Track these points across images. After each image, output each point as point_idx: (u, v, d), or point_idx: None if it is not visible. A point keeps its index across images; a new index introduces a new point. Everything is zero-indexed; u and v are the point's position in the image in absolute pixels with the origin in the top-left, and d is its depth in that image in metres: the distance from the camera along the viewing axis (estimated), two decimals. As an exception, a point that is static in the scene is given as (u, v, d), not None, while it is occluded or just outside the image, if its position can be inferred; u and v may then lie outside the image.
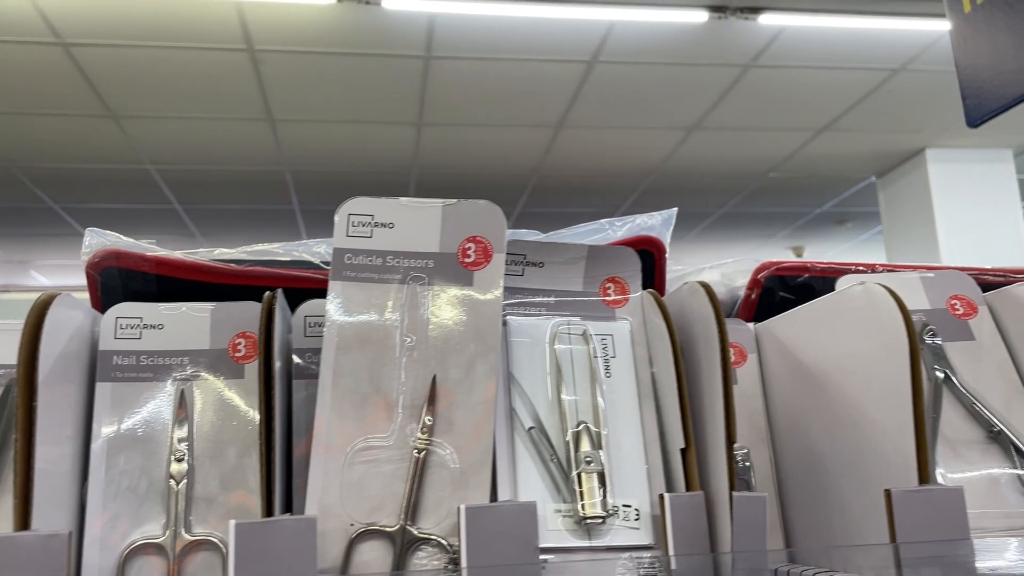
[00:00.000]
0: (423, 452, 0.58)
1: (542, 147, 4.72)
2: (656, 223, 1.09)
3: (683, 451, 0.61)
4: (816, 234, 6.19)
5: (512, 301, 0.65)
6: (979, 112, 1.74)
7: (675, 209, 1.10)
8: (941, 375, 0.68)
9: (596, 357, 0.64)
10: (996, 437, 0.65)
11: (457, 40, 3.71)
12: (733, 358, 0.83)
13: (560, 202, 5.46)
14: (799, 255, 6.07)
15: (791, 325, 0.78)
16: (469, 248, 0.61)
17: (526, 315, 0.65)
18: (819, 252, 6.44)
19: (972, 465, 0.64)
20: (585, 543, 0.59)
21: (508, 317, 0.64)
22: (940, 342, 0.69)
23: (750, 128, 4.54)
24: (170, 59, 3.74)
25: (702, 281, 0.65)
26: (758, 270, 1.08)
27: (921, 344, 0.70)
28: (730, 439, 0.59)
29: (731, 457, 0.59)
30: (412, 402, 0.59)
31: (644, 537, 0.60)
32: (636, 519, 0.60)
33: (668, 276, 1.22)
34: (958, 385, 0.68)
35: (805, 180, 5.16)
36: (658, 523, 0.59)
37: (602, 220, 1.06)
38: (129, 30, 3.51)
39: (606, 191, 5.32)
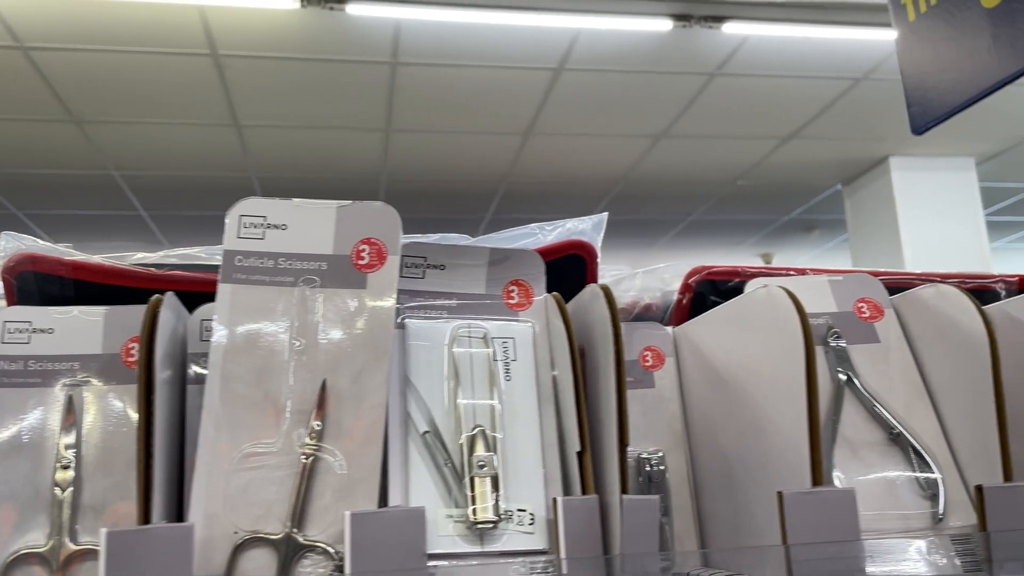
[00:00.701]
0: (311, 458, 0.57)
1: (511, 154, 4.73)
2: (587, 227, 1.09)
3: (580, 455, 0.61)
4: (785, 241, 6.25)
5: (412, 304, 0.64)
6: (923, 120, 1.76)
7: (605, 214, 1.10)
8: (844, 377, 0.68)
9: (496, 360, 0.63)
10: (896, 439, 0.65)
11: (424, 46, 3.71)
12: (651, 362, 0.83)
13: (530, 209, 5.46)
14: (768, 262, 6.12)
15: (704, 328, 0.78)
16: (363, 250, 0.60)
17: (426, 318, 0.64)
18: (788, 259, 6.50)
19: (871, 467, 0.64)
20: (477, 548, 0.58)
21: (407, 320, 0.63)
22: (844, 344, 0.69)
23: (717, 136, 4.57)
24: (133, 63, 3.71)
25: (603, 285, 0.64)
26: (689, 274, 1.08)
27: (825, 346, 0.70)
28: (623, 442, 0.59)
29: (623, 460, 0.58)
30: (301, 407, 0.58)
31: (538, 542, 0.59)
32: (531, 523, 0.59)
33: (606, 280, 1.22)
34: (860, 387, 0.68)
35: (772, 188, 5.20)
36: (553, 527, 0.58)
37: (532, 224, 1.06)
38: (90, 34, 3.47)
39: (576, 198, 5.33)
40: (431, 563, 0.56)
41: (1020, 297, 0.78)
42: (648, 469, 0.78)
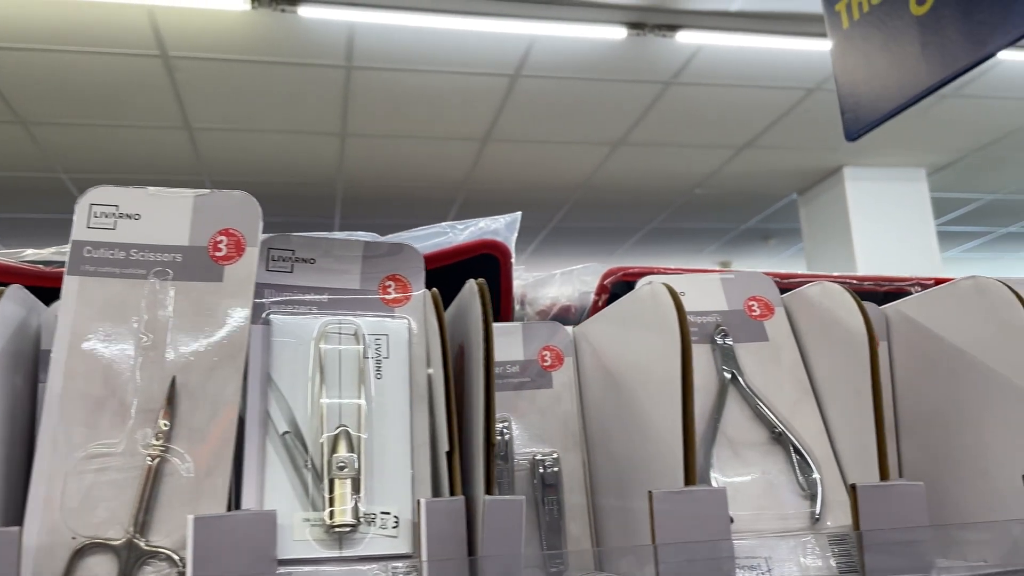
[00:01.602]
0: (157, 460, 0.54)
1: (469, 160, 4.71)
2: (500, 227, 1.07)
3: (449, 455, 0.58)
4: (743, 250, 6.30)
5: (279, 299, 0.62)
6: (856, 126, 1.78)
7: (519, 213, 1.08)
8: (728, 375, 0.67)
9: (367, 358, 0.61)
10: (778, 439, 0.64)
11: (378, 50, 3.68)
12: (550, 361, 0.81)
13: (490, 215, 5.44)
14: (727, 270, 6.15)
15: (598, 327, 0.77)
16: (221, 241, 0.57)
17: (294, 314, 0.61)
18: (746, 268, 6.55)
19: (751, 466, 0.63)
20: (335, 553, 0.55)
21: (272, 316, 0.61)
22: (731, 343, 0.68)
23: (673, 144, 4.60)
24: (79, 64, 3.63)
25: (479, 281, 0.62)
26: (605, 275, 1.07)
27: (712, 344, 0.69)
28: (489, 442, 0.57)
29: (489, 460, 0.56)
30: (148, 406, 0.55)
31: (402, 545, 0.57)
32: (395, 527, 0.57)
33: (527, 282, 1.21)
34: (745, 386, 0.67)
35: (729, 197, 5.25)
36: (416, 530, 0.56)
37: (443, 223, 1.04)
38: (35, 33, 3.39)
39: (536, 205, 5.33)
40: (282, 569, 0.53)
41: (915, 297, 0.78)
42: (542, 471, 0.76)
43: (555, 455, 0.76)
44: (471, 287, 0.63)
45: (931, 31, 1.55)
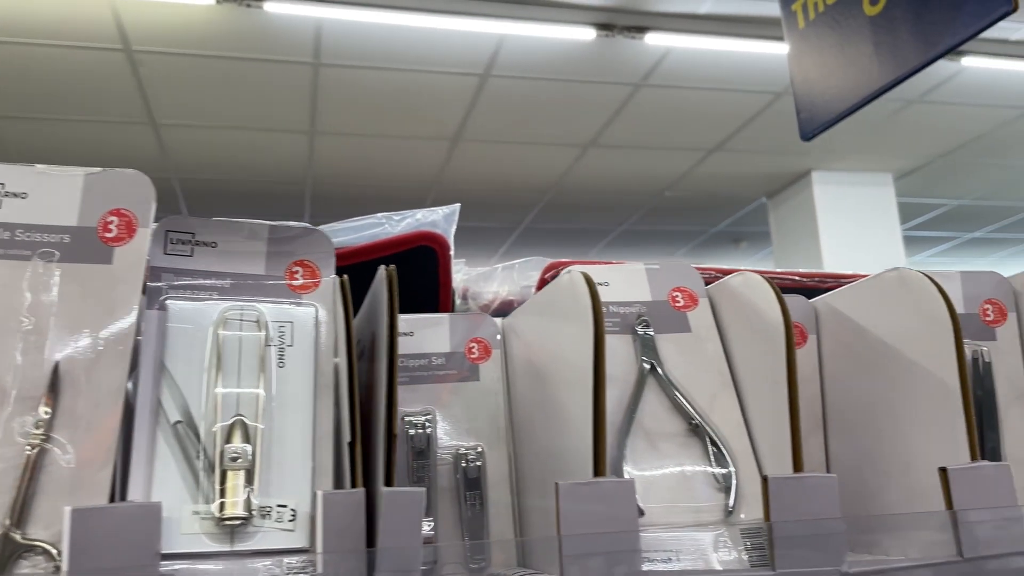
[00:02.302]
0: (36, 449, 0.52)
1: (440, 160, 4.69)
2: (438, 218, 1.05)
3: (351, 446, 0.56)
4: (714, 253, 6.33)
5: (177, 284, 0.59)
6: (811, 126, 1.78)
7: (458, 205, 1.06)
8: (647, 366, 0.65)
9: (269, 346, 0.59)
10: (696, 430, 0.63)
11: (346, 47, 3.65)
12: (477, 354, 0.80)
13: (462, 216, 5.41)
14: (698, 273, 6.17)
15: (524, 319, 0.75)
16: (111, 222, 0.55)
17: (193, 299, 0.59)
18: (718, 271, 6.58)
19: (667, 458, 0.62)
20: (226, 547, 0.53)
21: (168, 301, 0.58)
22: (652, 333, 0.67)
23: (644, 147, 4.61)
24: (41, 57, 3.56)
25: (388, 268, 0.60)
26: (545, 269, 1.05)
27: (633, 335, 0.68)
28: (390, 432, 0.55)
29: (391, 451, 0.54)
30: (28, 394, 0.52)
31: (298, 539, 0.54)
32: (292, 520, 0.55)
33: (469, 276, 1.19)
34: (664, 377, 0.65)
35: (700, 200, 5.27)
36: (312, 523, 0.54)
37: (379, 214, 1.02)
38: (-7, 24, 3.32)
39: (507, 206, 5.31)
40: (166, 563, 0.51)
41: (843, 289, 0.77)
42: (464, 465, 0.74)
43: (480, 449, 0.75)
44: (381, 274, 0.61)
45: (884, 31, 1.55)
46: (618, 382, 0.65)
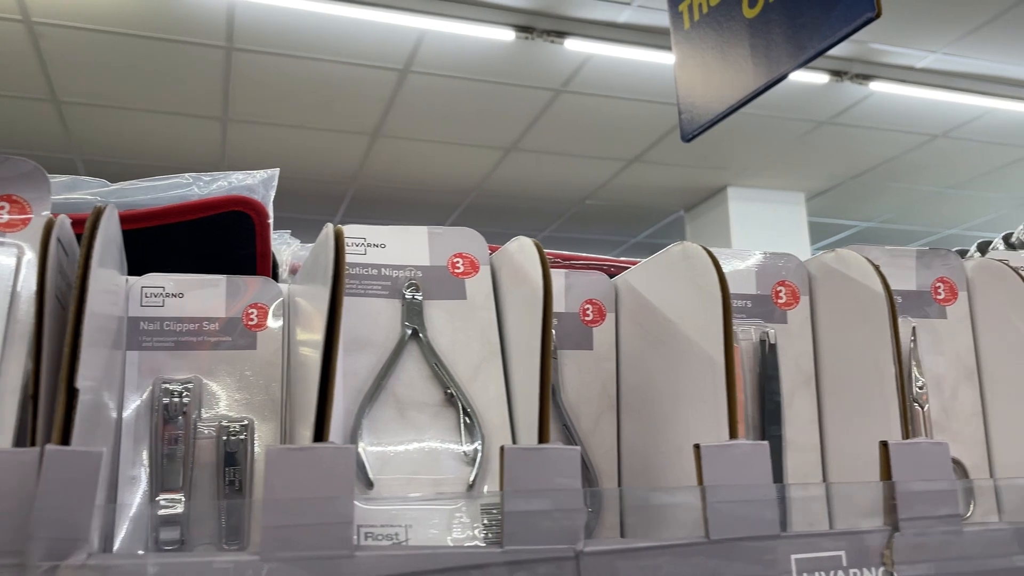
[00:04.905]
0: None
1: (359, 155, 4.61)
2: (255, 183, 1.00)
3: (34, 400, 0.51)
4: (637, 264, 6.39)
5: None
6: (691, 127, 1.79)
7: (277, 170, 1.01)
8: (409, 331, 0.61)
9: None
10: (451, 400, 0.59)
11: (260, 32, 3.55)
12: (255, 320, 0.75)
13: (381, 214, 5.34)
14: (618, 283, 6.23)
15: (296, 284, 0.71)
16: None
17: None
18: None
19: (414, 429, 0.58)
20: None
21: None
22: (420, 298, 0.63)
23: (565, 153, 4.62)
24: (-72, 21, 3.36)
25: (99, 207, 0.55)
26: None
27: (402, 299, 0.64)
28: (71, 387, 0.49)
29: (71, 408, 0.49)
30: None
31: (-32, 501, 0.49)
32: (-36, 479, 0.49)
33: (294, 249, 1.14)
34: (426, 343, 0.61)
35: (620, 209, 5.31)
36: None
37: (187, 174, 0.96)
38: None
39: (429, 205, 5.26)
40: None
41: (638, 266, 0.75)
42: (225, 439, 0.69)
43: (245, 423, 0.69)
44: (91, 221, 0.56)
45: (760, 34, 1.57)
46: (376, 348, 0.61)
